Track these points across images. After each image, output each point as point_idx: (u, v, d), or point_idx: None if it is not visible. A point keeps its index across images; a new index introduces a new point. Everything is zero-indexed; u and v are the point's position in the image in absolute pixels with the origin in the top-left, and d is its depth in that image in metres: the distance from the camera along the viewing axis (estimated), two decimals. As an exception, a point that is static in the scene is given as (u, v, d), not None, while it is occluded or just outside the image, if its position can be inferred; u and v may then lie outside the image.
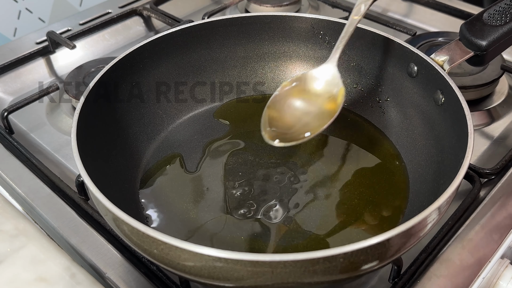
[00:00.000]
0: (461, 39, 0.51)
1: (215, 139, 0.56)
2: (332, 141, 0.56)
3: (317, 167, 0.53)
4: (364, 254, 0.34)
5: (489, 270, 0.46)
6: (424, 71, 0.51)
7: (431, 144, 0.50)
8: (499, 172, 0.53)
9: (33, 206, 0.52)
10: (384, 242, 0.34)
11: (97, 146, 0.47)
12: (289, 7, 0.80)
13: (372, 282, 0.45)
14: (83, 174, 0.39)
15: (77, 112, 0.45)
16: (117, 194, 0.46)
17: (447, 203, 0.38)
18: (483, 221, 0.49)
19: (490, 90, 0.64)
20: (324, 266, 0.34)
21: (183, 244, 0.34)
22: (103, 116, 0.50)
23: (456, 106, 0.45)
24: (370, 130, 0.57)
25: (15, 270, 0.42)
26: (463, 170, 0.39)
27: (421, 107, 0.52)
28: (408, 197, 0.49)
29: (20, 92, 0.69)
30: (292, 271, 0.33)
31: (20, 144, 0.57)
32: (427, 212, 0.36)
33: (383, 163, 0.53)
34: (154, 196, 0.50)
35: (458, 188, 0.39)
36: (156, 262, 0.37)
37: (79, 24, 0.78)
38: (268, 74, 0.61)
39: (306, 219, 0.47)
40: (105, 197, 0.37)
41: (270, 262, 0.33)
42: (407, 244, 0.37)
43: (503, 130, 0.61)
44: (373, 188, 0.50)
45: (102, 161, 0.47)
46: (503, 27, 0.50)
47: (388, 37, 0.53)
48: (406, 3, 0.83)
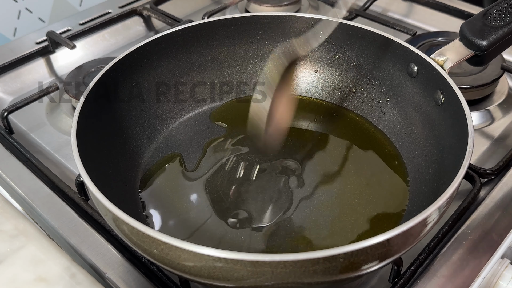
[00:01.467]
0: (461, 39, 0.51)
1: (215, 139, 0.56)
2: (332, 141, 0.56)
3: (317, 166, 0.53)
4: (364, 254, 0.34)
5: (489, 270, 0.46)
6: (424, 71, 0.51)
7: (431, 144, 0.50)
8: (499, 172, 0.53)
9: (33, 206, 0.52)
10: (384, 242, 0.34)
11: (97, 146, 0.47)
12: (289, 7, 0.80)
13: (372, 282, 0.45)
14: (83, 174, 0.39)
15: (77, 112, 0.45)
16: (117, 194, 0.46)
17: (447, 203, 0.38)
18: (483, 221, 0.49)
19: (490, 90, 0.64)
20: (324, 266, 0.34)
21: (183, 244, 0.34)
22: (103, 116, 0.50)
23: (456, 106, 0.45)
24: (370, 130, 0.57)
25: (15, 270, 0.42)
26: (463, 170, 0.39)
27: (421, 107, 0.52)
28: (408, 197, 0.49)
29: (20, 92, 0.69)
30: (292, 271, 0.33)
31: (20, 144, 0.57)
32: (427, 212, 0.36)
33: (383, 163, 0.53)
34: (154, 196, 0.50)
35: (458, 188, 0.39)
36: (156, 262, 0.37)
37: (79, 24, 0.78)
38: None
39: (306, 219, 0.47)
40: (105, 197, 0.37)
41: (270, 262, 0.33)
42: (407, 244, 0.37)
43: (503, 130, 0.61)
44: (373, 188, 0.50)
45: (102, 161, 0.47)
46: (503, 27, 0.50)
47: (388, 37, 0.53)
48: (406, 3, 0.83)
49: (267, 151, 0.53)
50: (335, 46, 0.58)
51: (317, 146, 0.55)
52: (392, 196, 0.49)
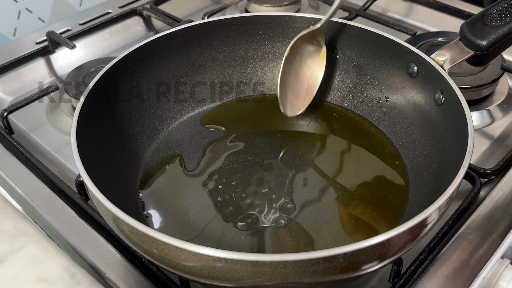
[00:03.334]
0: (461, 39, 0.51)
1: (215, 139, 0.56)
2: (332, 141, 0.56)
3: (317, 167, 0.53)
4: (364, 254, 0.34)
5: (489, 270, 0.46)
6: (424, 71, 0.51)
7: (431, 144, 0.50)
8: (499, 172, 0.53)
9: (33, 206, 0.51)
10: (384, 242, 0.34)
11: (97, 146, 0.47)
12: (289, 7, 0.80)
13: (372, 282, 0.45)
14: (83, 174, 0.39)
15: (77, 112, 0.45)
16: (117, 194, 0.46)
17: (447, 204, 0.38)
18: (483, 221, 0.49)
19: (490, 90, 0.64)
20: (324, 266, 0.33)
21: (183, 244, 0.34)
22: (103, 116, 0.50)
23: (456, 106, 0.45)
24: (370, 130, 0.57)
25: (15, 270, 0.42)
26: (463, 170, 0.39)
27: (421, 107, 0.52)
28: (408, 197, 0.49)
29: (20, 92, 0.69)
30: (292, 271, 0.33)
31: (20, 144, 0.57)
32: (427, 212, 0.36)
33: (383, 163, 0.53)
34: (154, 196, 0.50)
35: (458, 188, 0.39)
36: (156, 262, 0.37)
37: (79, 24, 0.78)
38: (268, 74, 0.61)
39: (306, 219, 0.47)
40: (105, 197, 0.37)
41: (270, 262, 0.33)
42: (407, 244, 0.37)
43: (503, 130, 0.61)
44: (373, 188, 0.50)
45: (102, 161, 0.47)
46: (504, 27, 0.50)
47: (388, 37, 0.53)
48: (406, 3, 0.83)
49: (287, 113, 0.56)
50: (335, 46, 0.58)
51: (317, 146, 0.55)
52: (392, 196, 0.49)
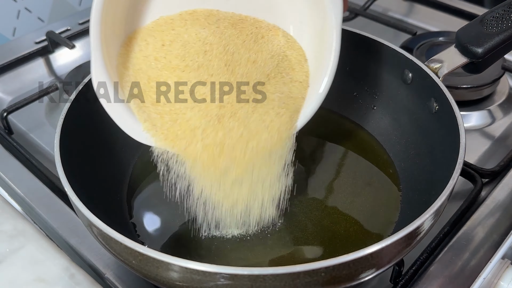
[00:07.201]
0: (456, 45, 0.49)
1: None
2: (325, 147, 0.55)
3: (310, 173, 0.52)
4: (347, 269, 0.33)
5: (490, 270, 0.45)
6: (419, 78, 0.50)
7: (424, 153, 0.49)
8: (500, 172, 0.53)
9: (32, 206, 0.51)
10: (367, 257, 0.33)
11: (83, 152, 0.46)
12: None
13: (373, 283, 0.45)
14: (63, 180, 0.39)
15: (62, 116, 0.44)
16: (104, 202, 0.45)
17: (434, 216, 0.37)
18: (484, 222, 0.48)
19: (491, 90, 0.64)
20: (305, 280, 0.32)
21: (159, 255, 0.32)
22: (91, 119, 0.47)
23: (449, 115, 0.44)
24: (364, 137, 0.56)
25: (14, 271, 0.42)
26: (453, 182, 0.38)
27: (416, 115, 0.51)
28: (399, 207, 0.48)
29: (20, 92, 0.68)
30: (272, 285, 0.32)
31: (19, 144, 0.57)
32: (414, 225, 0.35)
33: (377, 171, 0.52)
34: (141, 203, 0.49)
35: (448, 199, 0.38)
36: (137, 273, 0.36)
37: (78, 24, 0.78)
38: (268, 74, 0.61)
39: (296, 227, 0.47)
40: (85, 206, 0.37)
41: (249, 276, 0.32)
42: (393, 258, 0.36)
43: (504, 130, 0.61)
44: (365, 197, 0.50)
45: (88, 168, 0.46)
46: (500, 35, 0.48)
47: (383, 42, 0.52)
48: (407, 2, 0.83)
49: None
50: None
51: (310, 152, 0.55)
52: (384, 206, 0.49)
